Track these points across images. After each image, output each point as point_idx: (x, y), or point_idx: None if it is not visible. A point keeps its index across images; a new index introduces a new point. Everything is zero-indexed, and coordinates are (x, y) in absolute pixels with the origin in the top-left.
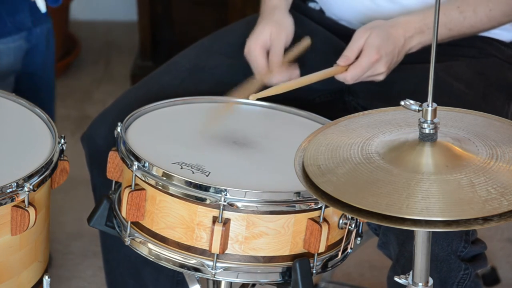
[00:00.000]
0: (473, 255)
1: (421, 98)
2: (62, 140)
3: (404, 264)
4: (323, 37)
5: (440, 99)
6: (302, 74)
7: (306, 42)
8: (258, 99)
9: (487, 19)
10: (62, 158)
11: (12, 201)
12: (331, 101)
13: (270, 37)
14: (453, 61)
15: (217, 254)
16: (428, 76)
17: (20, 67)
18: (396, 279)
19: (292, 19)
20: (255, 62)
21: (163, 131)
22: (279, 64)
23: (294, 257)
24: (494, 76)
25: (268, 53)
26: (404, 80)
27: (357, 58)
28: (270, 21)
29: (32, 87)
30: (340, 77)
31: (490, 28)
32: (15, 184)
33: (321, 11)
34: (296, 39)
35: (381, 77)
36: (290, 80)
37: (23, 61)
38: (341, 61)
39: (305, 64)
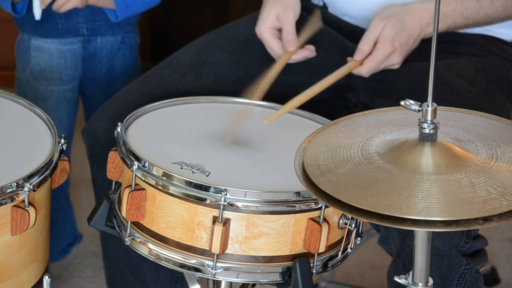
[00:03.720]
0: (474, 250)
1: (422, 95)
2: (62, 140)
3: (405, 258)
4: (326, 34)
5: (442, 96)
6: (307, 71)
7: (316, 21)
8: (256, 101)
9: (503, 9)
10: (62, 158)
11: (12, 201)
12: (331, 98)
13: (277, 17)
14: (454, 59)
15: (217, 254)
16: (428, 73)
17: (81, 72)
18: (396, 279)
19: None
20: (267, 44)
21: (163, 131)
22: (294, 41)
23: (294, 257)
24: (496, 73)
25: (280, 34)
26: (405, 78)
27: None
28: (274, 3)
29: (94, 93)
30: (356, 72)
31: (505, 19)
32: (15, 184)
33: (324, 8)
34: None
35: (396, 66)
36: (309, 56)
37: (84, 66)
38: (357, 56)
39: (308, 61)
